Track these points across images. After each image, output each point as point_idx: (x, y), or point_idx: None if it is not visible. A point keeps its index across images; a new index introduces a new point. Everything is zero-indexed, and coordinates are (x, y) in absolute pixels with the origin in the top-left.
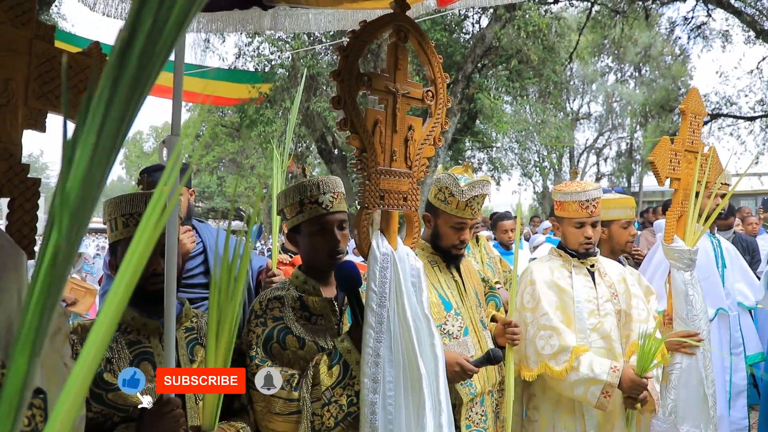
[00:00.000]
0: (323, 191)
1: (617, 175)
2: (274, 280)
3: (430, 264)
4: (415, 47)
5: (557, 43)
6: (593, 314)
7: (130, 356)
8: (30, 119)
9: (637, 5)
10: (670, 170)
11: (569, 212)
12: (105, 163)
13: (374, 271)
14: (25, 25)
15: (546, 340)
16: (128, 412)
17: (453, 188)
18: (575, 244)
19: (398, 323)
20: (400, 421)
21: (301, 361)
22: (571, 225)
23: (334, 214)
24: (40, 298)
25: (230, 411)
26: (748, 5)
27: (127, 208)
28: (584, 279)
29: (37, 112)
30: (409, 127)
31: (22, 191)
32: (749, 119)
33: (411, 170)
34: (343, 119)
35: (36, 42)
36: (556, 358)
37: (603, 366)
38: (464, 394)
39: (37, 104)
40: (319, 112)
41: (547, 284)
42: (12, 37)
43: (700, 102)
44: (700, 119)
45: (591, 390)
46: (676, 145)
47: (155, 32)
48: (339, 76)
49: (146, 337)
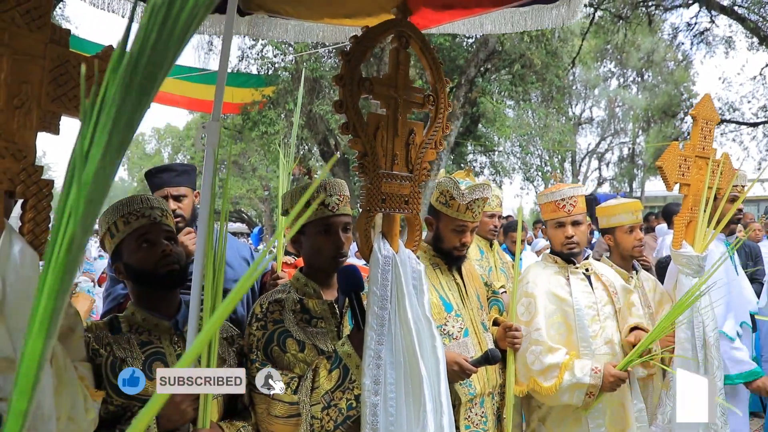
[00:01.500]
0: (330, 193)
1: (619, 180)
2: (278, 283)
3: (431, 266)
4: (417, 53)
5: (560, 48)
6: (594, 320)
7: (143, 356)
8: (44, 121)
9: (640, 11)
10: (679, 176)
11: (548, 214)
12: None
13: (376, 273)
14: (40, 29)
15: (536, 356)
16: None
17: (454, 191)
18: (558, 245)
19: (399, 325)
20: (401, 423)
21: (301, 363)
22: (552, 227)
23: (339, 216)
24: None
25: (233, 412)
26: (751, 12)
27: (124, 208)
28: (582, 285)
29: (51, 114)
30: (411, 131)
31: (36, 192)
32: (752, 125)
33: (412, 174)
34: (345, 123)
35: (51, 46)
36: (545, 374)
37: (584, 369)
38: (463, 394)
39: (51, 107)
40: (321, 115)
41: (547, 296)
42: (28, 42)
43: (713, 108)
44: (711, 125)
45: (576, 394)
46: (686, 150)
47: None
48: (341, 80)
49: (158, 337)
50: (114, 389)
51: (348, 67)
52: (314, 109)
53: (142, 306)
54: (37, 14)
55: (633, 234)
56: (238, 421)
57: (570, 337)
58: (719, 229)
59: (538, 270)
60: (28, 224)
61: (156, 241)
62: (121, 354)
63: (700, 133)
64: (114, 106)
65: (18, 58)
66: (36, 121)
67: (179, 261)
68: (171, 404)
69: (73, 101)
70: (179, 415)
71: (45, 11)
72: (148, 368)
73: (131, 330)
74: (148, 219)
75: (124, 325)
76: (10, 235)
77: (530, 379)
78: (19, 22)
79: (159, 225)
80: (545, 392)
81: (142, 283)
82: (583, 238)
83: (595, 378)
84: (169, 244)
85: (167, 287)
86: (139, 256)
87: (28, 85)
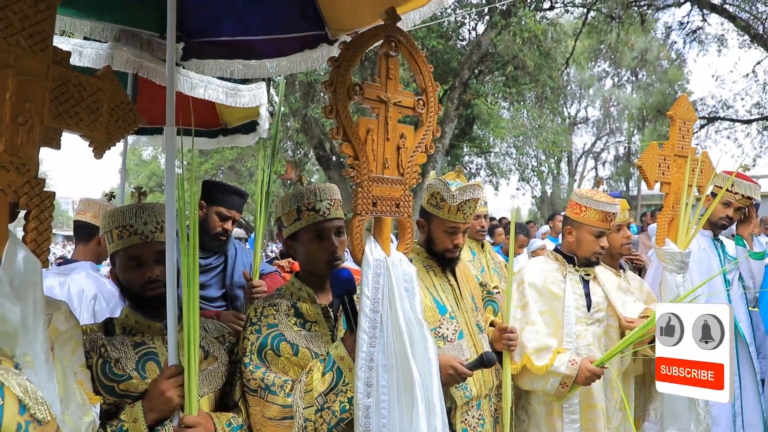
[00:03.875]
0: (320, 198)
1: (615, 179)
2: (259, 292)
3: (425, 268)
4: (406, 57)
5: (554, 49)
6: (580, 321)
7: (136, 356)
8: (46, 137)
9: (633, 10)
10: (659, 174)
11: (590, 219)
12: None
13: (368, 276)
14: (43, 51)
15: (532, 335)
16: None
17: (444, 193)
18: (589, 252)
19: (392, 328)
20: (394, 425)
21: (295, 367)
22: (589, 232)
23: (331, 220)
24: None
25: (225, 409)
26: (742, 10)
27: (120, 220)
28: (576, 286)
29: (53, 131)
30: (401, 135)
31: (38, 204)
32: (746, 122)
33: (403, 177)
34: (336, 128)
35: (53, 67)
36: (538, 354)
37: (562, 359)
38: (459, 397)
39: (53, 123)
40: (317, 119)
41: (538, 289)
42: (31, 63)
43: (690, 108)
44: (689, 124)
45: (551, 381)
46: (665, 150)
47: None
48: (331, 86)
49: (150, 338)
50: (105, 389)
51: (337, 72)
52: (309, 113)
53: (135, 309)
54: (40, 38)
55: (621, 232)
56: (229, 413)
57: (557, 332)
58: (700, 226)
59: (539, 263)
60: (30, 233)
61: (145, 263)
62: (115, 354)
63: (678, 132)
64: None
65: (22, 78)
66: (39, 137)
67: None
68: (156, 393)
69: (74, 118)
70: (165, 404)
71: (47, 35)
72: (142, 367)
73: (125, 332)
74: (140, 237)
75: (118, 328)
76: (15, 244)
77: (524, 356)
78: (23, 45)
79: (151, 244)
80: (535, 371)
81: (130, 298)
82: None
83: (571, 369)
84: (157, 268)
85: (153, 308)
86: (127, 275)
87: (32, 104)
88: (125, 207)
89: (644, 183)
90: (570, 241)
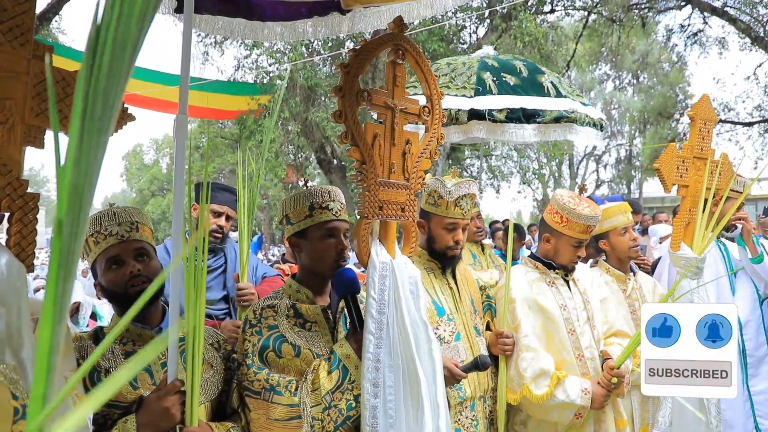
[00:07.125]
0: (332, 198)
1: (617, 182)
2: (246, 299)
3: (425, 270)
4: (413, 65)
5: (555, 52)
6: (571, 330)
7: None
8: (29, 136)
9: (634, 13)
10: (677, 177)
11: (573, 231)
12: (95, 147)
13: (373, 279)
14: (23, 45)
15: (528, 362)
16: (128, 409)
17: (441, 190)
18: (568, 260)
19: (397, 329)
20: (401, 424)
21: (295, 368)
22: (570, 243)
23: (342, 221)
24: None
25: (223, 416)
26: (743, 13)
27: (92, 227)
28: (563, 290)
29: (36, 129)
30: (407, 141)
31: (21, 206)
32: (747, 125)
33: (408, 182)
34: (344, 132)
35: (34, 62)
36: (536, 382)
37: (574, 388)
38: (452, 397)
39: (35, 122)
40: (317, 123)
41: (527, 303)
42: (10, 59)
43: (711, 108)
44: (710, 125)
45: (565, 413)
46: (684, 151)
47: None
48: (340, 91)
49: (142, 347)
50: None
51: (347, 78)
52: (310, 116)
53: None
54: (20, 32)
55: (627, 235)
56: (227, 422)
57: (550, 345)
58: (717, 231)
59: (520, 274)
60: (14, 237)
61: (125, 261)
62: (105, 364)
63: (698, 133)
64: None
65: (1, 75)
66: (20, 136)
67: (150, 278)
68: (158, 409)
69: (58, 115)
70: (168, 420)
71: (27, 28)
72: (133, 378)
73: (115, 341)
74: (115, 237)
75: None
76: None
77: (523, 386)
78: (1, 40)
79: (128, 243)
80: (536, 401)
81: (117, 302)
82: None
83: (585, 399)
84: (138, 263)
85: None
86: (108, 277)
87: (12, 102)
88: (95, 214)
89: (645, 185)
90: (547, 248)
